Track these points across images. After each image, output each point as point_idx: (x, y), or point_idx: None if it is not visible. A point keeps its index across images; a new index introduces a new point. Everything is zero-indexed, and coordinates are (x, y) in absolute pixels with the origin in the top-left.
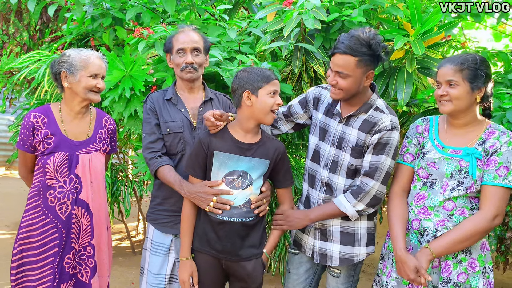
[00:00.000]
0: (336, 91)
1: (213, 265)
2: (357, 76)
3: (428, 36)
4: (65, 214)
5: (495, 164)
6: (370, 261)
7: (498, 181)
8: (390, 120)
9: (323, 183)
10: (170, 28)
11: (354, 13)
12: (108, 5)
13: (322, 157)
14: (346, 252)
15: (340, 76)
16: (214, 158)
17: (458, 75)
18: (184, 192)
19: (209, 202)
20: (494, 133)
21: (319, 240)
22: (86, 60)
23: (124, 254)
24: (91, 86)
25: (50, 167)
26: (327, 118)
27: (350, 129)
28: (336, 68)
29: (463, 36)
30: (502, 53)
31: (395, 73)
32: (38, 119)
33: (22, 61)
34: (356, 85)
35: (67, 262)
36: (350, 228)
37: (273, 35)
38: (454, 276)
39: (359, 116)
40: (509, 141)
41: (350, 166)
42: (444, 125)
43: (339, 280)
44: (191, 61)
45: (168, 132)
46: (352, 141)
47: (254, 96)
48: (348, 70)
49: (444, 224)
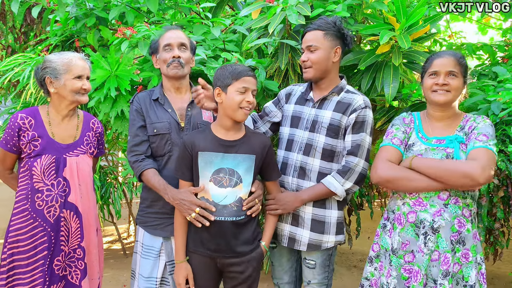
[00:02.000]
0: (307, 70)
1: (207, 265)
2: (325, 48)
3: (414, 30)
4: (53, 217)
5: (475, 135)
6: (362, 256)
7: (479, 144)
8: (363, 99)
9: (296, 167)
10: (153, 28)
11: (338, 8)
12: (91, 5)
13: (296, 142)
14: (315, 239)
15: (311, 50)
16: (199, 158)
17: (458, 67)
18: (168, 197)
19: (192, 212)
20: (470, 119)
21: (290, 224)
22: (68, 63)
23: (115, 256)
24: (77, 88)
25: (37, 170)
26: (300, 106)
27: (323, 111)
28: (306, 43)
29: (449, 30)
30: (486, 46)
31: (382, 68)
32: (25, 121)
33: (6, 64)
34: (325, 58)
35: (56, 265)
36: (321, 216)
37: (258, 32)
38: (451, 268)
39: (331, 99)
40: (484, 119)
41: (325, 147)
42: (425, 119)
43: (315, 271)
44: (177, 54)
45: (155, 133)
46: (326, 122)
47: (223, 93)
48: (317, 42)
49: (440, 214)
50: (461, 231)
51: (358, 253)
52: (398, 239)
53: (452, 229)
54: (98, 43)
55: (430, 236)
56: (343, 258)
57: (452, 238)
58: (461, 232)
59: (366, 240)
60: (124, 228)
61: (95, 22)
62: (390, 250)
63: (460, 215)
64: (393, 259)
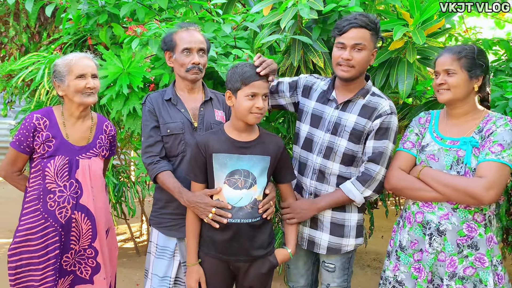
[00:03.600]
0: (348, 68)
1: (220, 268)
2: (370, 49)
3: (428, 25)
4: (64, 218)
5: (489, 143)
6: (376, 255)
7: (490, 156)
8: (389, 105)
9: (315, 170)
10: (163, 25)
11: (351, 3)
12: (103, 1)
13: (316, 144)
14: (335, 243)
15: (357, 49)
16: (213, 160)
17: (456, 63)
18: (184, 200)
19: (208, 213)
20: (491, 119)
21: (309, 227)
22: (68, 64)
23: (128, 255)
24: (81, 88)
25: (50, 171)
26: (322, 105)
27: (347, 115)
28: (354, 40)
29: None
30: (503, 41)
31: (396, 64)
32: (40, 121)
33: (20, 63)
34: (367, 60)
35: (65, 261)
36: (341, 220)
37: (270, 29)
38: (460, 270)
39: (357, 102)
40: (506, 123)
41: (346, 152)
42: (444, 118)
43: (335, 274)
44: (198, 61)
45: (169, 133)
46: (349, 126)
47: (233, 97)
48: (366, 41)
49: (448, 218)
50: (472, 235)
51: (371, 252)
52: (407, 237)
53: (459, 233)
54: (110, 41)
55: (435, 237)
56: (357, 258)
57: (459, 242)
58: (472, 237)
59: (379, 239)
60: (137, 227)
61: (107, 19)
62: (398, 246)
63: (471, 220)
64: (401, 255)
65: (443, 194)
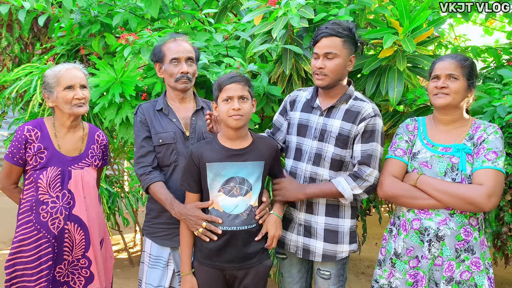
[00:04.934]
0: (322, 77)
1: (215, 277)
2: (344, 56)
3: (418, 33)
4: (57, 229)
5: (484, 150)
6: (370, 262)
7: (487, 164)
8: (372, 108)
9: (306, 178)
10: (155, 34)
11: (341, 13)
12: (95, 12)
13: (305, 152)
14: (329, 249)
15: (328, 57)
16: (207, 170)
17: (459, 70)
18: (175, 212)
19: (199, 227)
20: (480, 127)
21: (303, 236)
22: (57, 75)
23: (121, 266)
24: (69, 99)
25: (43, 182)
26: (307, 114)
27: (332, 120)
28: (325, 49)
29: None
30: (491, 49)
31: (386, 72)
32: (31, 133)
33: (14, 75)
34: (342, 67)
35: (58, 272)
36: (334, 226)
37: (262, 38)
38: (457, 275)
39: (340, 107)
40: (496, 130)
41: (334, 157)
42: (431, 124)
43: (330, 281)
44: (186, 70)
45: (161, 143)
46: (334, 131)
47: (217, 105)
48: (336, 50)
49: (446, 223)
50: (469, 240)
51: (365, 259)
52: (402, 245)
53: (457, 238)
54: (103, 51)
55: (434, 243)
56: (351, 265)
57: (457, 246)
58: (468, 241)
59: (373, 246)
60: (131, 237)
61: (99, 29)
62: (392, 254)
63: (467, 224)
64: (396, 262)
65: (442, 201)
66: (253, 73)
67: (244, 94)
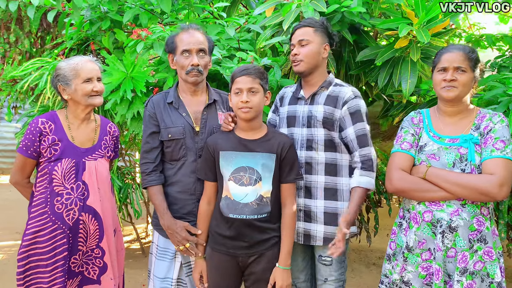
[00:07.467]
0: (298, 62)
1: (229, 263)
2: (316, 42)
3: (433, 24)
4: (72, 220)
5: (491, 140)
6: (381, 254)
7: (496, 153)
8: (351, 90)
9: (301, 164)
10: (168, 29)
11: (354, 4)
12: (105, 8)
13: (297, 140)
14: (330, 232)
15: (302, 44)
16: (220, 158)
17: (467, 62)
18: (164, 222)
19: (181, 245)
20: (485, 116)
21: (303, 221)
22: (75, 68)
23: (134, 256)
24: (88, 92)
25: (57, 173)
26: (293, 106)
27: (316, 106)
28: (298, 37)
29: (468, 21)
30: (507, 37)
31: (399, 63)
32: (45, 125)
33: (24, 69)
34: (316, 52)
35: (73, 262)
36: (333, 209)
37: (272, 30)
38: (470, 266)
39: (321, 93)
40: (502, 119)
41: (326, 138)
42: (436, 116)
43: (332, 267)
44: (197, 63)
45: (170, 138)
46: (319, 116)
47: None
48: (309, 37)
49: (458, 214)
50: (481, 229)
51: (376, 250)
52: (414, 238)
53: (470, 228)
54: (113, 46)
55: (447, 234)
56: (362, 256)
57: (470, 237)
58: (481, 230)
59: (384, 237)
60: (143, 228)
61: (109, 25)
62: (404, 247)
63: (479, 214)
64: (408, 256)
65: (454, 193)
66: (266, 67)
67: (254, 86)
